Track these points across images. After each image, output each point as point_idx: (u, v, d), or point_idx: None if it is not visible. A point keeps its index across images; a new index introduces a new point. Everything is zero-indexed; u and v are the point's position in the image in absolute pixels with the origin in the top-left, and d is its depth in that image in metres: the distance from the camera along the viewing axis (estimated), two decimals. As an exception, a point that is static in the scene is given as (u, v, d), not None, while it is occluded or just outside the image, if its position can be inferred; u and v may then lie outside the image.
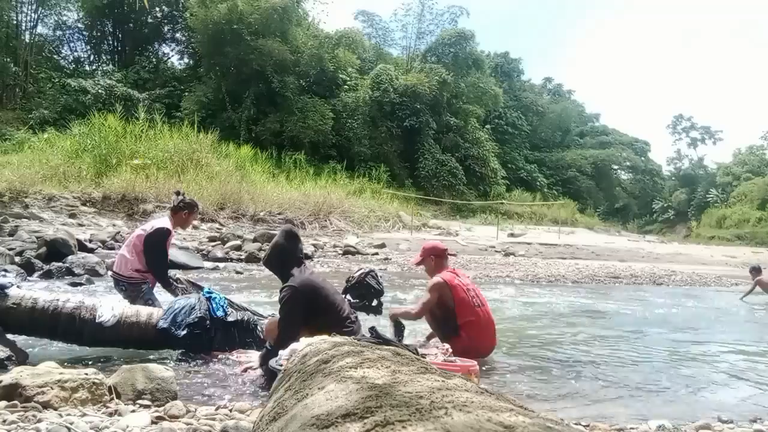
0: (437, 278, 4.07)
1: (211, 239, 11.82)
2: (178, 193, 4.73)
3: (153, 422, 2.34)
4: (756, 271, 9.36)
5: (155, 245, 4.40)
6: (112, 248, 9.65)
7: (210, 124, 21.34)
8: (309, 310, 3.32)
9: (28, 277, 6.78)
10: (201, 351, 3.74)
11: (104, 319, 3.66)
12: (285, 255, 3.47)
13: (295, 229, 3.76)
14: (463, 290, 4.04)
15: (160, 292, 4.68)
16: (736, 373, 4.24)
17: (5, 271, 4.74)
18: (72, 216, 12.15)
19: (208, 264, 9.42)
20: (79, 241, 8.97)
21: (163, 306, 4.17)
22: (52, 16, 27.44)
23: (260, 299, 6.27)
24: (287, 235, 3.55)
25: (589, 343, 5.24)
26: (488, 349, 4.14)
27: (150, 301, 4.40)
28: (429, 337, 4.28)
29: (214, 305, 3.89)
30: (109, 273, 5.09)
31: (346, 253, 12.56)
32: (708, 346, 5.42)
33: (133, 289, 4.43)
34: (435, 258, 4.26)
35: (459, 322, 3.98)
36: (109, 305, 3.79)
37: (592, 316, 6.91)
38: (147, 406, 2.59)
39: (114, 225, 12.18)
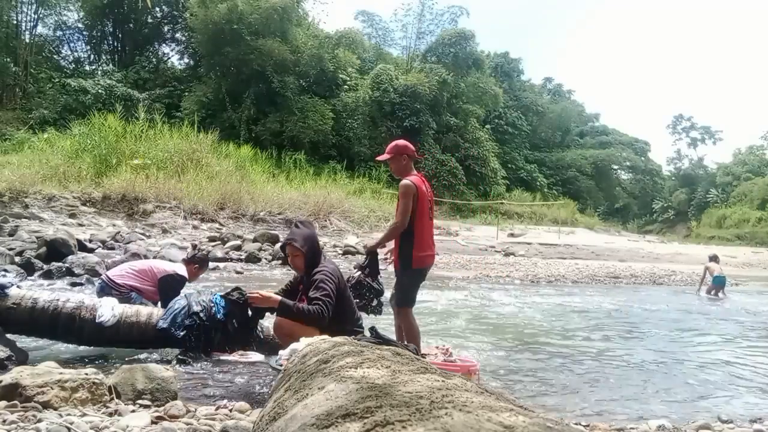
0: (408, 182, 3.91)
1: (211, 239, 11.79)
2: (194, 247, 4.89)
3: (153, 422, 2.34)
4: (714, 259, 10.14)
5: (172, 290, 4.47)
6: (112, 248, 9.64)
7: (210, 124, 21.29)
8: (336, 293, 3.47)
9: (28, 277, 6.77)
10: (201, 351, 3.75)
11: (104, 319, 3.66)
12: (318, 244, 3.68)
13: None
14: (425, 198, 3.96)
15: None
16: (735, 373, 4.24)
17: (5, 271, 4.74)
18: (72, 216, 12.13)
19: (208, 264, 9.41)
20: (79, 241, 8.95)
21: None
22: (52, 16, 27.40)
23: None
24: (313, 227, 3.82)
25: (589, 343, 5.24)
26: (431, 260, 4.10)
27: (142, 304, 4.41)
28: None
29: (216, 307, 3.88)
30: (102, 277, 4.97)
31: (346, 253, 12.54)
32: (707, 347, 5.42)
33: (122, 299, 4.41)
34: (408, 158, 4.06)
35: (413, 228, 3.90)
36: (109, 305, 3.79)
37: (592, 316, 6.90)
38: (147, 406, 2.59)
39: (114, 225, 12.16)
